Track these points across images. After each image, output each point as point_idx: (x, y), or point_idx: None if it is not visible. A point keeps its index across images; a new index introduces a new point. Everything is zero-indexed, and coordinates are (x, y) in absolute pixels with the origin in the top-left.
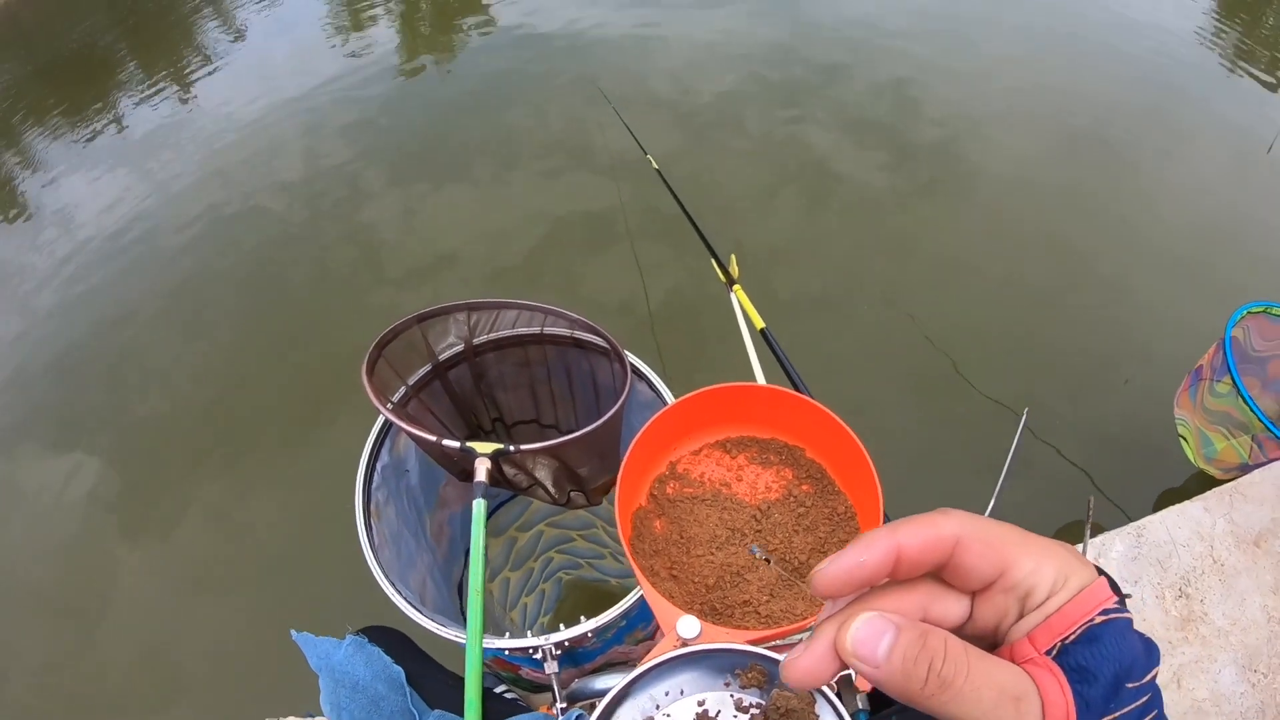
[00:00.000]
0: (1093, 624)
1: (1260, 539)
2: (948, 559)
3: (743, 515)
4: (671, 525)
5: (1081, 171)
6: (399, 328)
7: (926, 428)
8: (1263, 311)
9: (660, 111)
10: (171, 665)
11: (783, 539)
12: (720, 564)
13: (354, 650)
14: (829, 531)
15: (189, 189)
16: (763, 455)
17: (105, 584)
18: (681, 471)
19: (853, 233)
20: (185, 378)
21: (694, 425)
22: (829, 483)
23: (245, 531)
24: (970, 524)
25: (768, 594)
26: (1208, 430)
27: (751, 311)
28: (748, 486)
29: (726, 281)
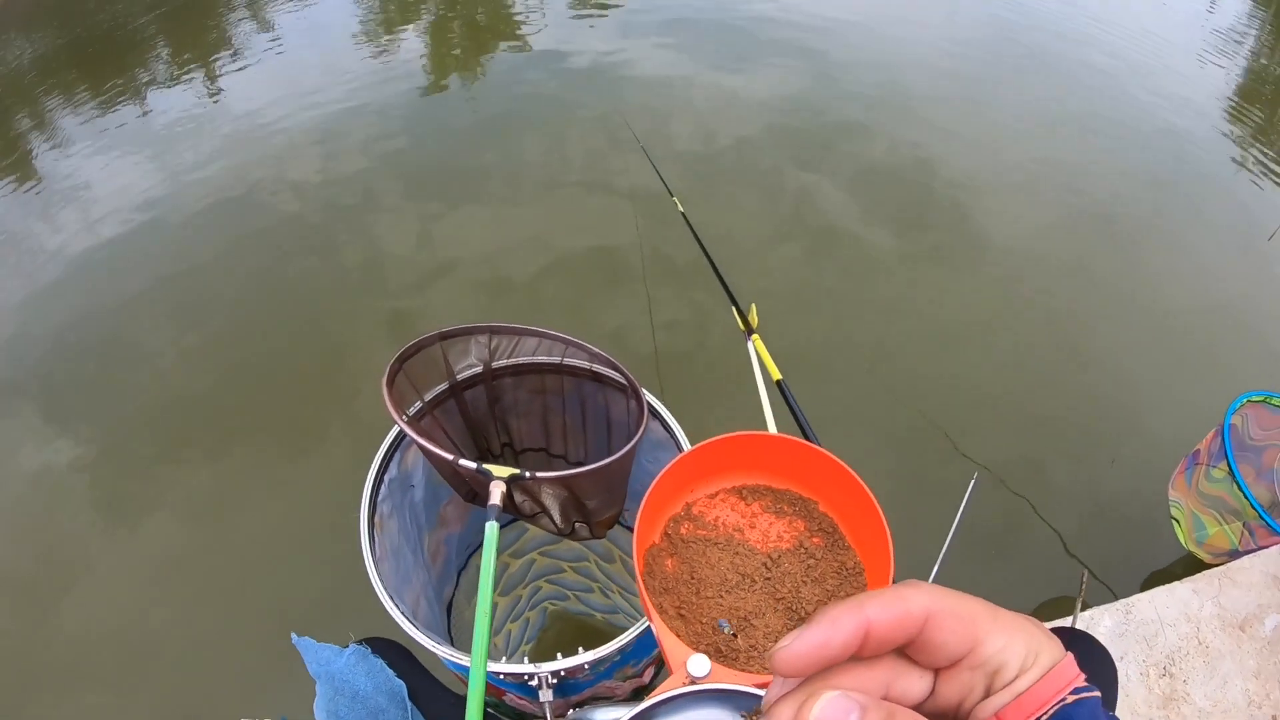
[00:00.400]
0: (1064, 704)
1: (1246, 624)
2: (916, 635)
3: (753, 562)
4: (683, 565)
5: (1087, 248)
6: (422, 343)
7: (909, 490)
8: (1262, 401)
9: (677, 153)
10: (133, 651)
11: (791, 588)
12: (729, 607)
13: (356, 660)
14: (837, 585)
15: (203, 180)
16: (777, 505)
17: (72, 561)
18: (697, 513)
19: (853, 291)
20: (178, 366)
21: (713, 469)
22: (840, 537)
23: (223, 526)
24: (940, 598)
25: (772, 641)
26: (1201, 514)
27: (769, 362)
28: (760, 534)
29: (745, 330)
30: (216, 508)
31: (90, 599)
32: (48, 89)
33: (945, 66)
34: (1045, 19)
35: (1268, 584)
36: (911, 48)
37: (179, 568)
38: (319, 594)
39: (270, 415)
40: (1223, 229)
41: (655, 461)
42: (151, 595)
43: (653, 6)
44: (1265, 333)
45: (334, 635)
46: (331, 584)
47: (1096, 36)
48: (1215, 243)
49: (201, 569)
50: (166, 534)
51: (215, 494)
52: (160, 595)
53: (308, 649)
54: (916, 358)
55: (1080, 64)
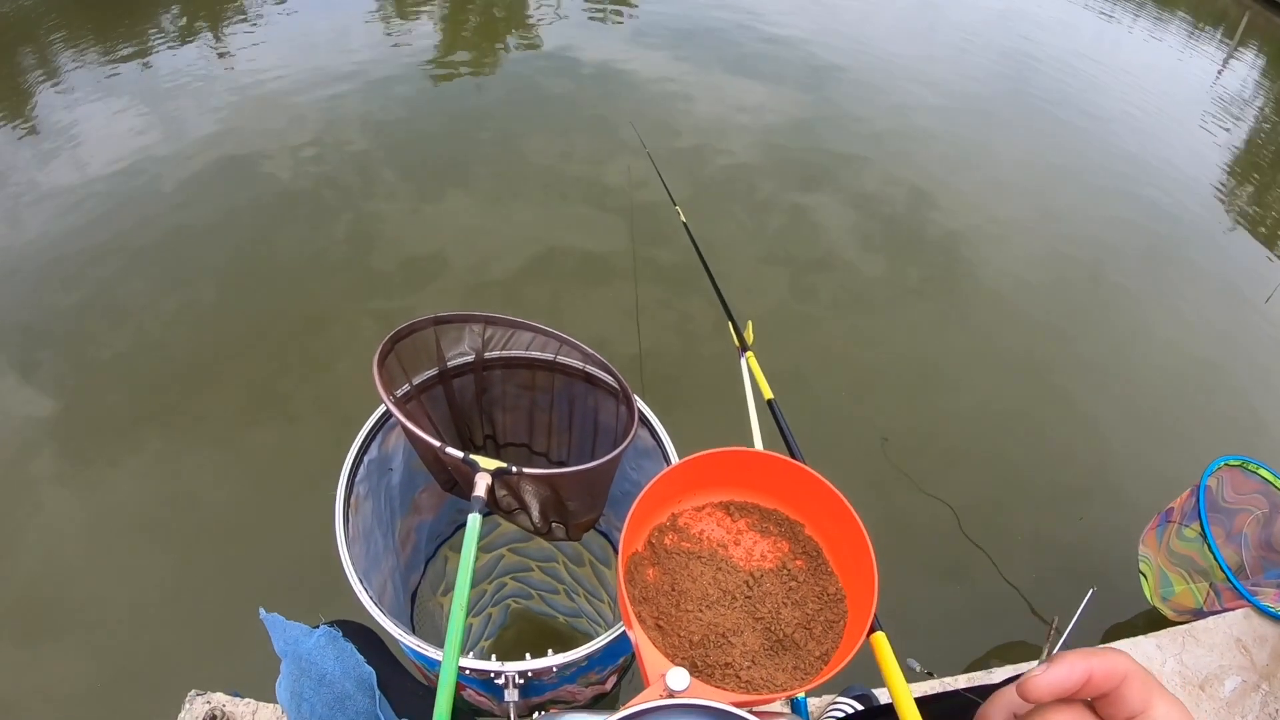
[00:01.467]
0: None
1: (1206, 683)
2: (1116, 688)
3: (736, 579)
4: (664, 576)
5: (1073, 302)
6: (415, 326)
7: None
8: (1239, 465)
9: (674, 163)
10: (81, 606)
11: (771, 609)
12: (708, 623)
13: (326, 642)
14: (817, 610)
15: (202, 142)
16: (763, 524)
17: (27, 508)
18: (682, 525)
19: (837, 321)
20: (157, 325)
21: (702, 481)
22: (823, 562)
23: (189, 489)
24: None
25: (750, 660)
26: (1169, 571)
27: (761, 380)
28: (744, 552)
29: (740, 347)
30: (184, 470)
31: (42, 550)
32: (57, 33)
33: (950, 108)
34: (1054, 69)
35: (1230, 646)
36: (918, 87)
37: (138, 528)
38: (284, 569)
39: (247, 383)
40: (1210, 292)
41: (639, 469)
42: (106, 552)
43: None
44: (1243, 396)
45: (297, 612)
46: (297, 560)
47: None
48: (1202, 305)
49: (162, 532)
50: (129, 492)
51: (184, 457)
52: (115, 553)
53: (275, 626)
54: (896, 393)
55: (1084, 118)
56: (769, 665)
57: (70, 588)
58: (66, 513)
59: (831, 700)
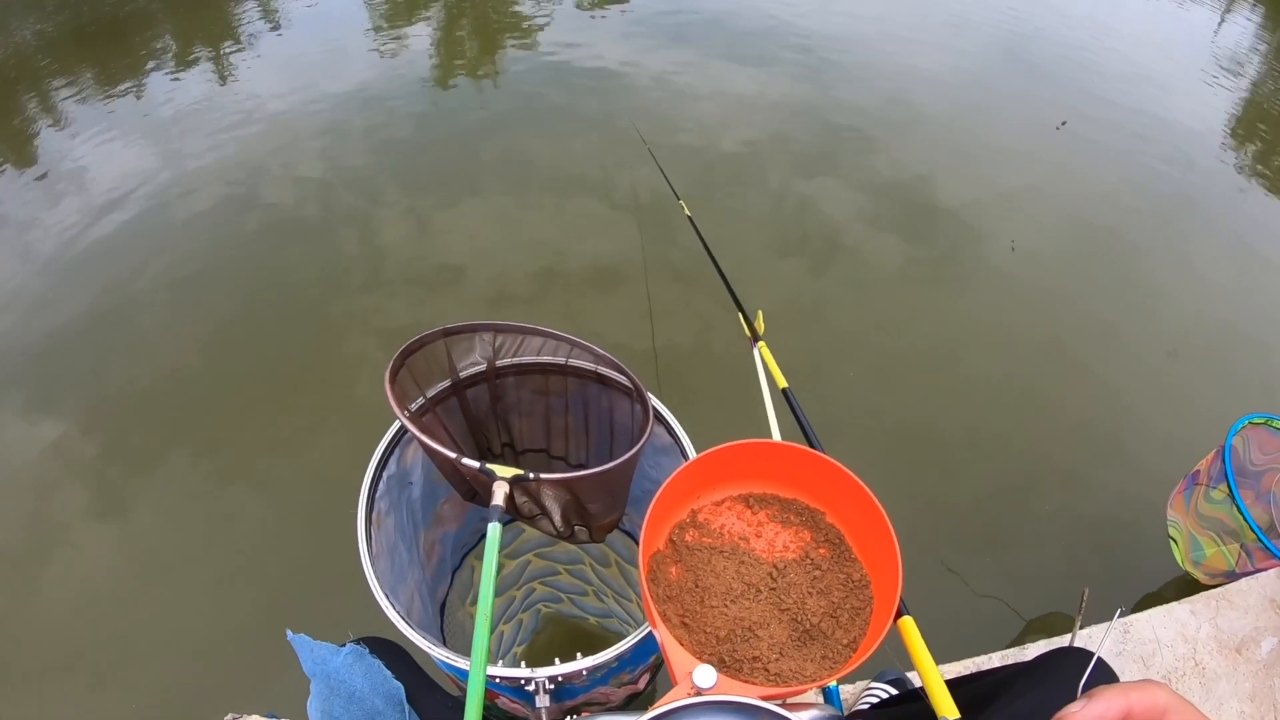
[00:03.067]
0: None
1: (1242, 646)
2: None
3: (759, 571)
4: (688, 573)
5: (1087, 270)
6: (425, 339)
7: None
8: (1264, 424)
9: (681, 158)
10: (117, 639)
11: (796, 600)
12: (733, 617)
13: (354, 659)
14: (842, 597)
15: (206, 170)
16: (784, 514)
17: (60, 544)
18: (702, 521)
19: (853, 306)
20: (174, 355)
21: (720, 476)
22: (846, 549)
23: (215, 516)
24: (1175, 699)
25: (777, 652)
26: (1198, 534)
27: (775, 369)
28: (766, 543)
29: (751, 337)
30: (209, 497)
31: (77, 584)
32: (52, 70)
33: (951, 82)
34: (1053, 37)
35: (1265, 607)
36: (918, 65)
37: (169, 556)
38: (312, 589)
39: (266, 406)
40: (1226, 250)
41: (657, 467)
42: (140, 583)
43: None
44: (1265, 355)
45: (326, 631)
46: (325, 579)
47: (1102, 57)
48: (1216, 265)
49: (192, 558)
50: (157, 522)
51: (210, 484)
52: (149, 583)
53: (303, 647)
54: (914, 374)
55: (1085, 83)
56: (797, 656)
57: (108, 621)
58: (99, 547)
59: (866, 686)
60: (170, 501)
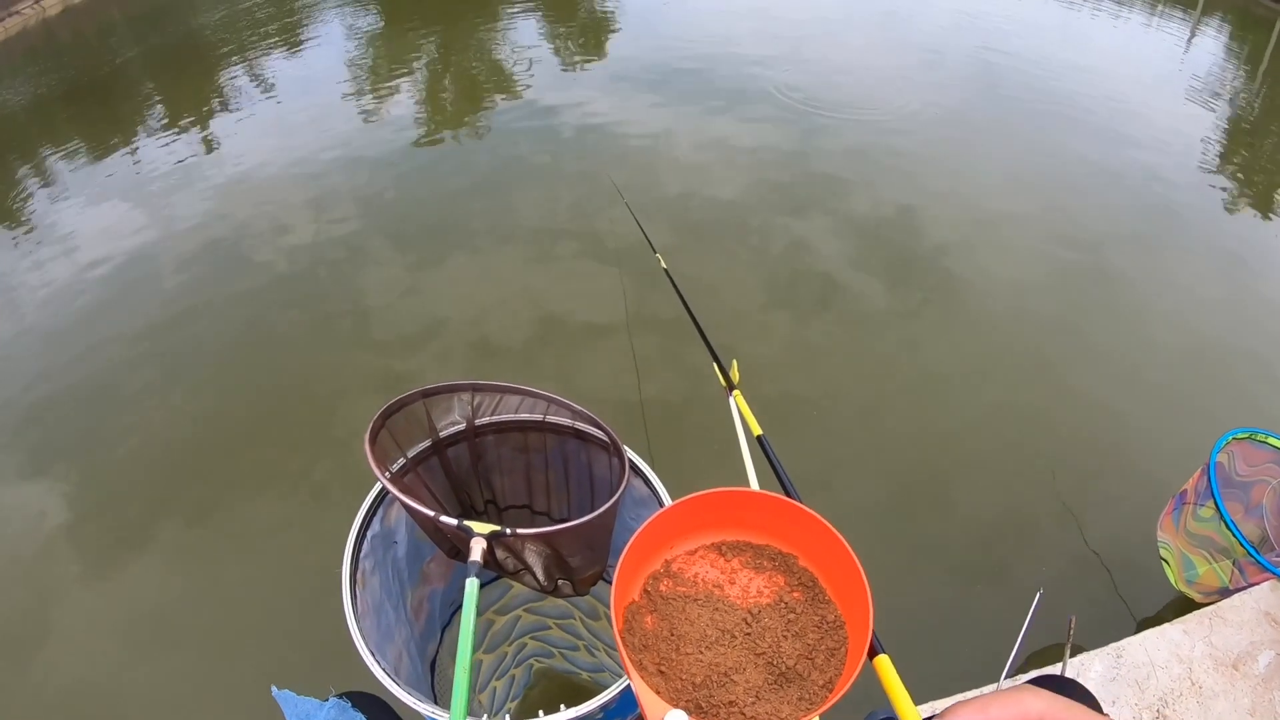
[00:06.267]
0: None
1: (1238, 662)
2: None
3: (733, 617)
4: (662, 622)
5: (1072, 294)
6: (404, 400)
7: (901, 542)
8: (1247, 438)
9: (664, 210)
10: (112, 706)
11: (772, 643)
12: (708, 663)
13: (336, 714)
14: (818, 639)
15: (195, 233)
16: (756, 560)
17: (52, 613)
18: (676, 570)
19: (843, 346)
20: (164, 418)
21: (692, 525)
22: (819, 591)
23: (206, 579)
24: (1053, 704)
25: (754, 696)
26: (1190, 553)
27: (749, 417)
28: (740, 590)
29: (726, 386)
30: (200, 560)
31: (69, 652)
32: (41, 137)
33: (929, 116)
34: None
35: (1260, 621)
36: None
37: (160, 621)
38: (302, 648)
39: (256, 468)
40: (1205, 268)
41: (638, 519)
42: (131, 648)
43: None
44: (1251, 367)
45: (317, 690)
46: (316, 639)
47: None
48: (1198, 282)
49: (184, 622)
50: (148, 586)
51: (203, 546)
52: (140, 648)
53: (287, 702)
54: (905, 412)
55: (1060, 110)
56: (774, 699)
57: (98, 686)
58: (95, 612)
59: None
60: (163, 566)
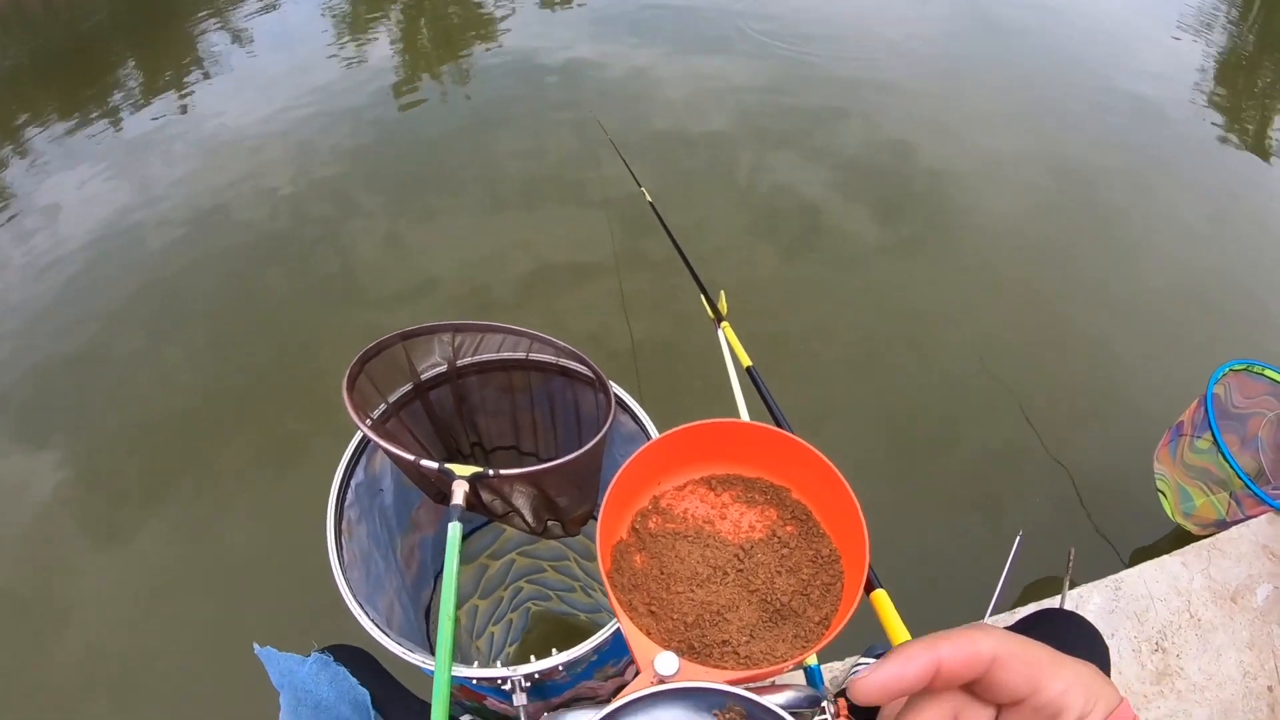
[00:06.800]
0: None
1: (1237, 595)
2: (983, 674)
3: (725, 554)
4: (652, 560)
5: (1066, 229)
6: (383, 344)
7: (897, 479)
8: (1244, 369)
9: (652, 150)
10: (129, 673)
11: (765, 580)
12: (700, 602)
13: (319, 669)
14: (812, 574)
15: (178, 196)
16: (748, 494)
17: (64, 587)
18: (665, 506)
19: (833, 281)
20: (158, 383)
21: (680, 460)
22: (814, 525)
23: (213, 542)
24: (1007, 643)
25: (748, 634)
26: (1187, 485)
27: (739, 349)
28: (731, 525)
29: (715, 318)
30: (203, 525)
31: (83, 621)
32: (16, 104)
33: (918, 50)
34: None
35: (1257, 554)
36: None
37: (167, 584)
38: (303, 603)
39: (253, 428)
40: (1200, 203)
41: (627, 456)
42: (142, 613)
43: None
44: (1245, 303)
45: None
46: (316, 594)
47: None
48: (1193, 217)
49: (191, 587)
50: (154, 553)
51: (201, 511)
52: (150, 613)
53: (270, 659)
54: (896, 346)
55: (1053, 44)
56: (768, 637)
57: (122, 652)
58: (104, 580)
59: (855, 662)
60: (168, 531)
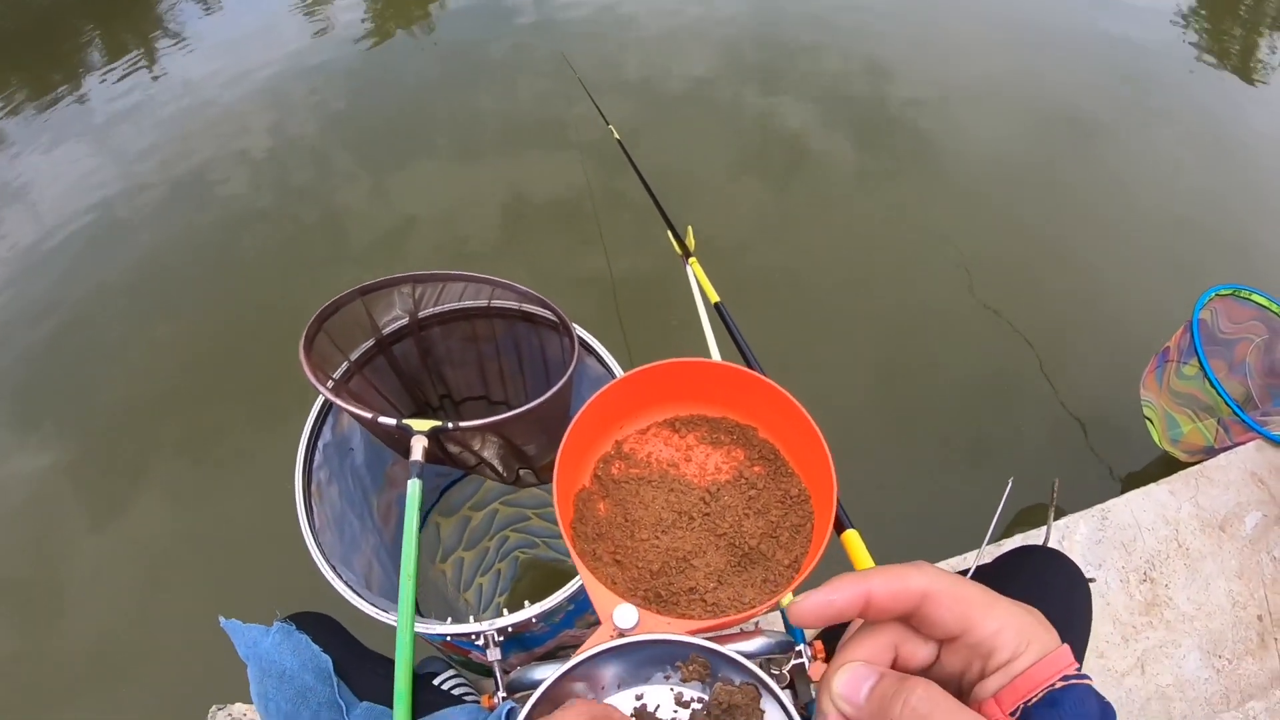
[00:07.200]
0: (1053, 688)
1: (1225, 523)
2: (915, 609)
3: (691, 498)
4: (616, 507)
5: (1049, 157)
6: (340, 300)
7: (883, 412)
8: (1231, 294)
9: (627, 87)
10: (127, 650)
11: (732, 522)
12: (665, 548)
13: (281, 638)
14: (781, 515)
15: (153, 167)
16: (713, 435)
17: (61, 569)
18: (628, 451)
19: (817, 212)
20: (148, 357)
21: (641, 402)
22: (782, 464)
23: (208, 515)
24: (939, 581)
25: (715, 581)
26: (1174, 412)
27: (706, 285)
28: (697, 467)
29: (683, 254)
30: (200, 496)
31: (89, 603)
32: None
33: None
34: None
35: (1246, 481)
36: None
37: (170, 562)
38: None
39: (249, 395)
40: (1183, 128)
41: None
42: (146, 591)
43: None
44: (1232, 228)
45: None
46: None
47: None
48: (1176, 142)
49: (194, 560)
50: (154, 529)
51: (207, 479)
52: (153, 590)
53: (235, 631)
54: (882, 276)
55: None
56: (736, 583)
57: (129, 631)
58: (107, 560)
59: None
60: (168, 504)
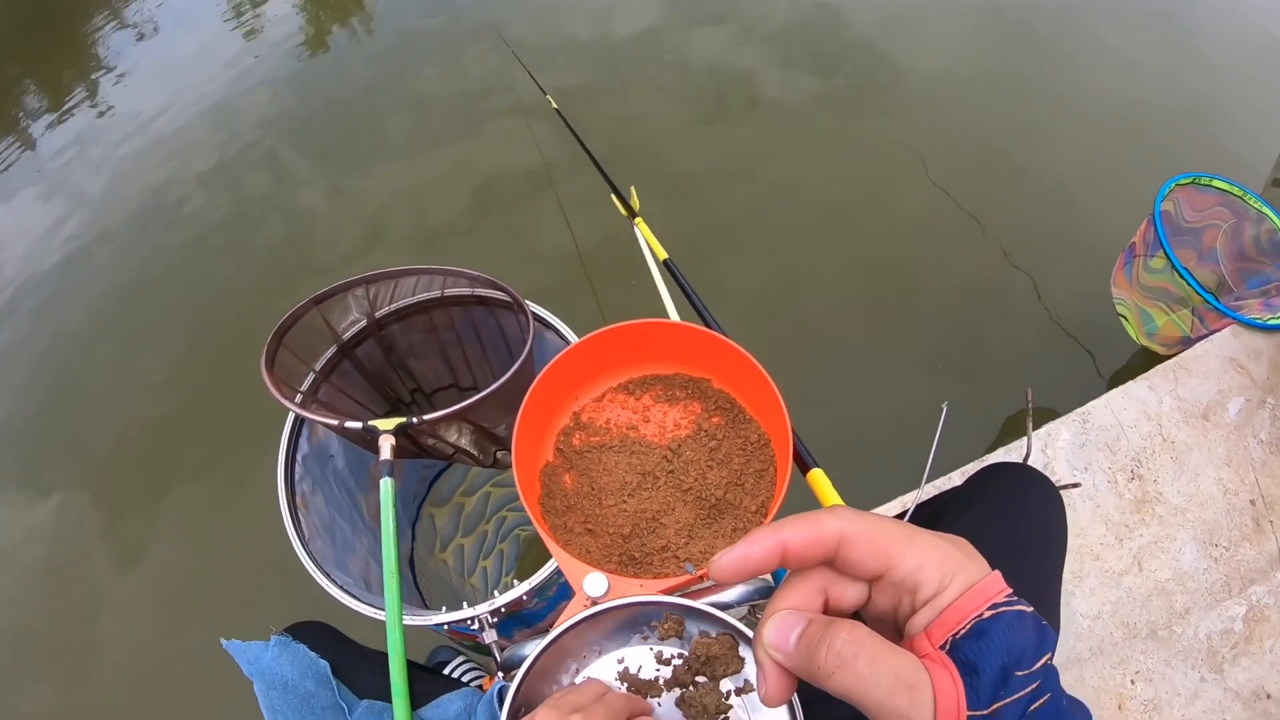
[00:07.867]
0: (980, 619)
1: (1208, 412)
2: (833, 553)
3: (652, 457)
4: (581, 478)
5: (1006, 71)
6: (297, 313)
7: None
8: (1191, 183)
9: (577, 51)
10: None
11: (697, 476)
12: (634, 511)
13: (280, 650)
14: (744, 462)
15: (110, 202)
16: (668, 392)
17: (89, 618)
18: (586, 420)
19: (781, 148)
20: (138, 395)
21: (594, 370)
22: (739, 411)
23: (217, 542)
24: (855, 522)
25: (686, 536)
26: (1147, 307)
27: (654, 243)
28: (656, 426)
29: (628, 215)
30: (213, 525)
31: (120, 640)
32: None
33: None
34: None
35: (1225, 368)
36: None
37: (189, 594)
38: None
39: (246, 419)
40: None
41: None
42: (171, 622)
43: None
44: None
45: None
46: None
47: None
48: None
49: (209, 588)
50: (180, 558)
51: (218, 506)
52: (178, 620)
53: (237, 650)
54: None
55: None
56: (707, 535)
57: (162, 662)
58: (132, 596)
59: None
60: (185, 535)
